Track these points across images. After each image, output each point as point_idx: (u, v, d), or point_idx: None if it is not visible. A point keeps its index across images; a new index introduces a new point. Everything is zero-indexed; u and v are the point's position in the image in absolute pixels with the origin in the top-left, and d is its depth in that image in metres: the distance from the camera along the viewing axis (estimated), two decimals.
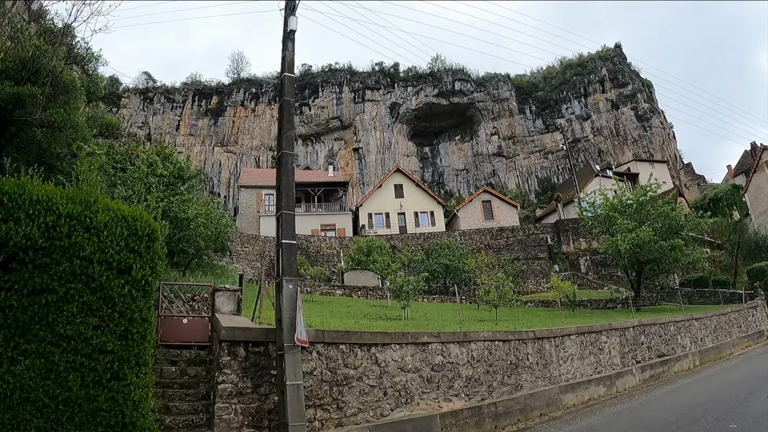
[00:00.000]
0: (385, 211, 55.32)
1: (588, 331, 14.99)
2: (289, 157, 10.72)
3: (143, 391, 7.67)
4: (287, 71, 11.19)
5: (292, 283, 9.68)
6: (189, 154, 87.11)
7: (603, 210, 26.72)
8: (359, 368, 10.17)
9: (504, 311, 25.34)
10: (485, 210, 52.93)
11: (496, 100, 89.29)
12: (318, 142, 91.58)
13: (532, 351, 13.15)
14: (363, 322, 15.64)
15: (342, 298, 29.81)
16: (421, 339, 11.17)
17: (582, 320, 18.74)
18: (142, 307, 7.98)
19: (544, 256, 40.92)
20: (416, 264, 38.10)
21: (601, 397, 13.97)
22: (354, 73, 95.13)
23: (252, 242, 45.81)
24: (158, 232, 8.91)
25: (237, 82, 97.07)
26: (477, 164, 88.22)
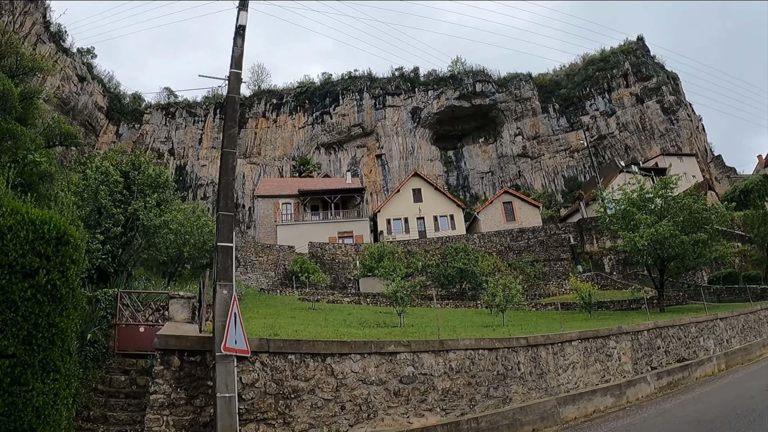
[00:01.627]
0: (404, 216, 54.12)
1: (593, 336, 13.41)
2: (230, 156, 9.92)
3: (48, 398, 7.22)
4: (234, 68, 10.69)
5: (227, 288, 8.79)
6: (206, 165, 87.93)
7: (621, 205, 24.88)
8: (311, 380, 9.04)
9: (517, 315, 23.86)
10: (506, 211, 51.17)
11: (518, 100, 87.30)
12: (340, 150, 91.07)
13: (524, 360, 11.70)
14: (347, 329, 14.39)
15: (349, 305, 28.66)
16: (387, 348, 9.90)
17: (596, 323, 17.10)
18: (49, 312, 7.49)
19: (567, 256, 38.93)
20: (431, 269, 36.77)
21: (607, 408, 12.39)
22: (374, 80, 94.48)
23: (266, 251, 45.08)
24: (73, 235, 8.26)
25: (258, 94, 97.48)
26: (502, 166, 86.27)
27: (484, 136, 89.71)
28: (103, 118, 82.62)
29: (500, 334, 13.47)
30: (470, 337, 11.36)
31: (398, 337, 11.36)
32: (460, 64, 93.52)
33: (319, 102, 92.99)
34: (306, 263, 38.93)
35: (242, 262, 42.59)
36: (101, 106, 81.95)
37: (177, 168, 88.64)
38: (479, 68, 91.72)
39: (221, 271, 8.87)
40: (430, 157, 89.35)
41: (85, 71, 78.62)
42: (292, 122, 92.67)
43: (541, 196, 71.86)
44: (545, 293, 33.03)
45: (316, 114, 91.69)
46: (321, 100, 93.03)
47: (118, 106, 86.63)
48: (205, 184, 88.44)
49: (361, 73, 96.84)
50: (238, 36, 10.59)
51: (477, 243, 42.02)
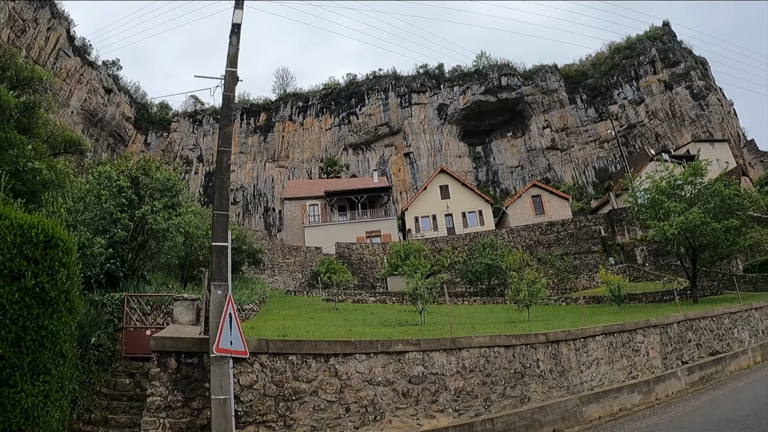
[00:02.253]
0: (432, 214, 53.48)
1: (618, 331, 12.64)
2: (224, 155, 9.73)
3: (38, 400, 7.31)
4: (230, 66, 10.45)
5: (221, 288, 8.52)
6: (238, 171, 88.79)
7: (650, 194, 23.80)
8: (314, 381, 8.67)
9: (545, 310, 23.13)
10: (535, 205, 49.99)
11: (545, 92, 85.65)
12: (368, 150, 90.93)
13: (543, 357, 11.07)
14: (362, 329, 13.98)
15: (374, 305, 28.27)
16: (394, 347, 9.43)
17: (625, 317, 16.28)
18: (38, 315, 7.56)
19: (598, 248, 37.67)
20: (458, 265, 36.11)
21: (634, 406, 11.62)
22: (399, 78, 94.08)
23: (294, 253, 45.10)
24: (62, 239, 8.26)
25: (284, 98, 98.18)
26: (531, 159, 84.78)
27: (512, 130, 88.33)
28: (131, 128, 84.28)
29: (521, 330, 12.88)
30: (484, 335, 10.79)
31: (417, 336, 10.93)
32: (485, 59, 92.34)
33: (344, 103, 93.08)
34: (333, 264, 38.73)
35: (270, 265, 42.73)
36: (128, 117, 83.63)
37: (206, 174, 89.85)
38: (504, 62, 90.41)
39: (216, 271, 8.58)
40: (458, 154, 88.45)
41: (111, 83, 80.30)
42: (318, 124, 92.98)
43: (571, 188, 70.28)
44: (576, 287, 32.04)
45: (342, 115, 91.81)
46: (347, 101, 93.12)
47: (146, 116, 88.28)
48: (234, 189, 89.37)
49: (386, 72, 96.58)
50: (233, 34, 10.41)
51: (506, 238, 41.12)
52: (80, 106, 72.78)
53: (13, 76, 14.73)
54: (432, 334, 12.01)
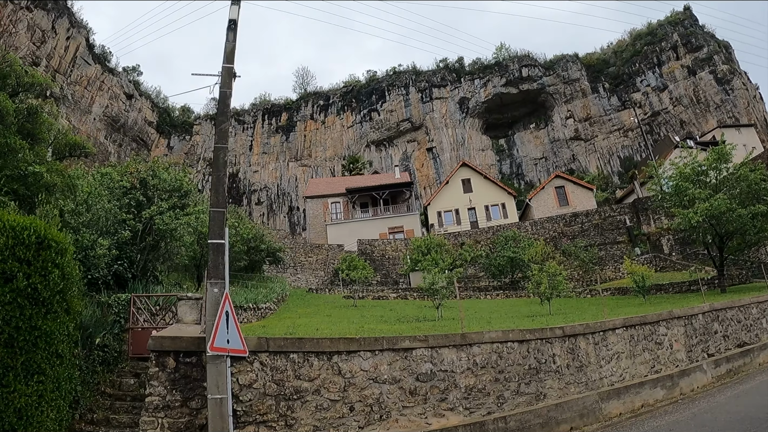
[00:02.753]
0: (455, 208, 52.92)
1: (640, 323, 12.05)
2: (221, 152, 9.56)
3: (31, 400, 7.35)
4: (226, 62, 10.21)
5: (218, 286, 8.34)
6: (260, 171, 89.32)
7: (673, 181, 22.94)
8: (316, 380, 8.42)
9: (568, 303, 22.54)
10: (559, 196, 48.95)
11: (566, 82, 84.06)
12: (391, 146, 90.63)
13: (560, 351, 10.59)
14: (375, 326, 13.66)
15: (394, 301, 27.96)
16: (401, 344, 9.09)
17: (650, 308, 15.62)
18: (31, 316, 7.53)
19: (624, 239, 36.60)
20: (481, 259, 35.55)
21: (657, 402, 11.05)
22: (419, 73, 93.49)
23: (316, 251, 45.06)
24: (56, 240, 8.19)
25: (304, 97, 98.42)
26: (555, 151, 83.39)
27: (535, 121, 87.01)
28: (153, 133, 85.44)
29: (539, 324, 12.42)
30: (497, 329, 10.36)
31: (431, 332, 10.61)
32: (505, 50, 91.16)
33: (365, 100, 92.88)
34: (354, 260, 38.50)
35: (292, 263, 42.78)
36: (151, 121, 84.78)
37: (230, 176, 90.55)
38: (524, 53, 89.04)
39: (212, 269, 8.37)
40: (481, 147, 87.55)
41: (132, 88, 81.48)
42: (340, 122, 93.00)
43: (596, 178, 68.84)
44: (601, 278, 31.15)
45: (363, 112, 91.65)
46: (367, 98, 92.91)
47: (168, 120, 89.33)
48: (258, 189, 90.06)
49: (406, 68, 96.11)
50: (229, 30, 10.27)
51: (529, 230, 40.35)
52: (102, 113, 74.05)
53: (14, 83, 14.76)
54: (448, 329, 11.67)
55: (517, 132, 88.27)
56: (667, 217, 32.32)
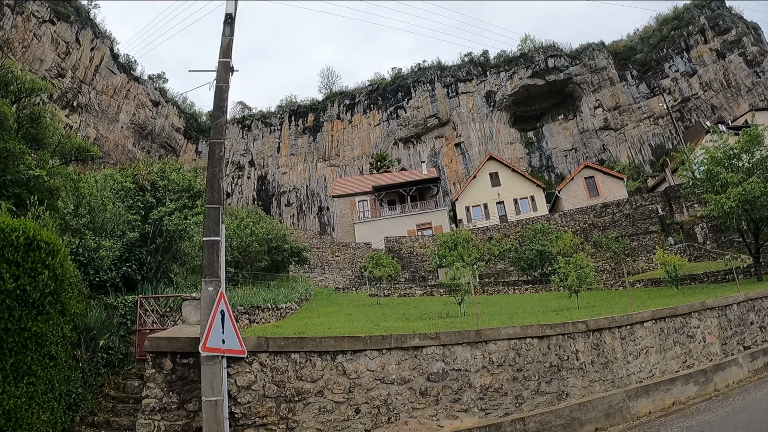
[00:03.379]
0: (483, 202, 52.01)
1: (670, 315, 11.25)
2: (216, 147, 9.30)
3: (21, 402, 7.25)
4: (222, 57, 9.90)
5: (213, 285, 8.01)
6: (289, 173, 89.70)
7: (705, 165, 21.82)
8: (319, 381, 8.04)
9: (598, 296, 21.68)
10: (589, 187, 47.56)
11: (593, 71, 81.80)
12: (419, 142, 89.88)
13: (583, 347, 9.92)
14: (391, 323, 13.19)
15: (420, 298, 27.43)
16: (410, 342, 8.61)
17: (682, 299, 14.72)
18: (21, 317, 7.39)
19: (656, 228, 35.18)
20: (510, 254, 34.73)
21: (689, 399, 10.28)
22: (443, 68, 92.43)
23: (343, 251, 44.81)
24: (46, 241, 7.94)
25: (330, 97, 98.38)
26: (585, 141, 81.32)
27: (563, 112, 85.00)
28: (181, 138, 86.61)
29: (563, 318, 11.77)
30: (515, 325, 9.76)
31: (452, 329, 10.13)
32: (530, 42, 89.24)
33: (391, 97, 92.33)
34: (381, 258, 38.14)
35: (319, 263, 42.63)
36: (178, 127, 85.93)
37: (259, 178, 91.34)
38: (549, 43, 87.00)
39: (207, 267, 8.05)
40: (509, 140, 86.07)
41: (158, 95, 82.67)
42: (366, 121, 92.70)
43: (627, 167, 66.82)
44: (634, 270, 29.97)
45: (390, 110, 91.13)
46: (393, 95, 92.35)
47: (195, 125, 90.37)
48: (287, 190, 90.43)
49: (431, 64, 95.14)
50: (226, 25, 10.09)
51: (559, 222, 39.28)
52: (129, 121, 75.39)
53: (16, 89, 14.79)
54: (467, 326, 11.13)
55: (545, 124, 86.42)
56: (700, 205, 30.91)
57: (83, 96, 67.10)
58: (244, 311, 15.42)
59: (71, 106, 65.41)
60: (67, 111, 64.44)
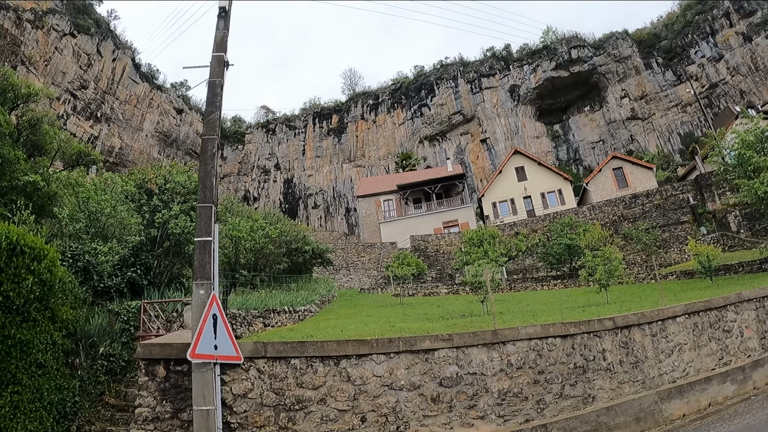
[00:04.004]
0: (510, 198, 50.98)
1: (704, 308, 10.35)
2: (209, 143, 8.90)
3: (5, 411, 7.00)
4: (216, 51, 9.50)
5: (204, 287, 7.55)
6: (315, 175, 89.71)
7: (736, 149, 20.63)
8: (321, 388, 7.53)
9: (628, 290, 20.68)
10: (617, 178, 46.11)
11: (618, 60, 79.64)
12: (444, 140, 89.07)
13: (611, 346, 9.15)
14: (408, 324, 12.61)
15: (445, 297, 26.75)
16: (420, 345, 8.01)
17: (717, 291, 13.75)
18: (4, 324, 7.12)
19: (688, 218, 33.69)
20: (538, 249, 33.75)
21: (727, 399, 9.40)
22: (466, 64, 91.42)
23: (368, 251, 44.39)
24: (30, 246, 7.64)
25: (353, 98, 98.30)
26: (612, 132, 79.30)
27: (589, 104, 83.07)
28: None
29: (590, 315, 11.00)
30: (535, 324, 9.05)
31: (472, 329, 9.52)
32: (552, 34, 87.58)
33: (414, 96, 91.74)
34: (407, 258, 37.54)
35: (344, 264, 42.27)
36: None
37: (285, 181, 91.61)
38: (572, 34, 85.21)
39: (198, 269, 7.61)
40: (535, 134, 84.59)
41: (182, 103, 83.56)
42: (391, 120, 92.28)
43: (655, 157, 64.79)
44: (666, 262, 28.69)
45: (413, 108, 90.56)
46: (416, 94, 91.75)
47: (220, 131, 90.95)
48: (314, 193, 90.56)
49: (453, 60, 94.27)
50: (219, 18, 9.82)
51: (587, 215, 38.08)
52: (153, 129, 76.41)
53: (13, 96, 14.65)
54: (489, 325, 10.50)
55: (571, 116, 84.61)
56: (732, 192, 29.44)
57: (106, 106, 68.25)
58: (258, 315, 14.97)
59: (95, 117, 66.58)
60: (91, 122, 65.62)
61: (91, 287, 11.59)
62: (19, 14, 57.60)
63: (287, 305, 17.28)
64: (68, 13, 64.67)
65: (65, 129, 61.38)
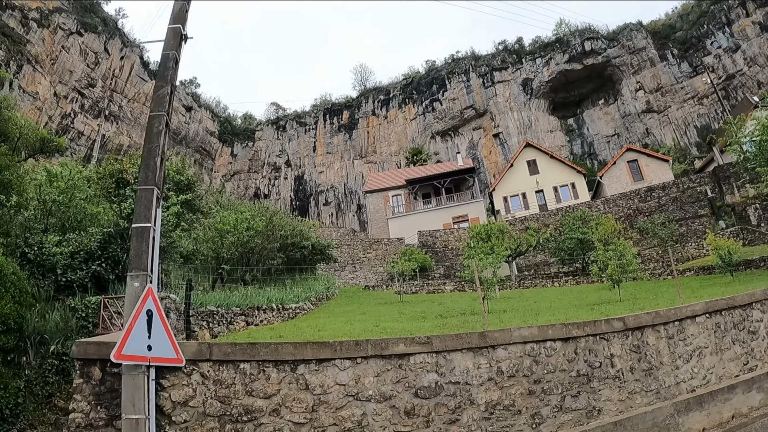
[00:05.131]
0: (521, 192, 49.57)
1: (727, 307, 9.09)
2: (156, 120, 7.93)
3: None
4: (172, 23, 8.61)
5: (139, 280, 6.48)
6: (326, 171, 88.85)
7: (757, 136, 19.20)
8: (274, 397, 6.48)
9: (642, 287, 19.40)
10: (632, 170, 44.46)
11: (632, 52, 77.74)
12: (457, 135, 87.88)
13: (620, 351, 7.94)
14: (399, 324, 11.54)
15: (449, 294, 25.59)
16: (392, 349, 6.88)
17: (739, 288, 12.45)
18: None
19: (706, 212, 32.04)
20: (550, 243, 32.43)
21: (752, 410, 8.13)
22: (478, 58, 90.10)
23: (375, 247, 43.29)
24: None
25: (364, 93, 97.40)
26: (627, 126, 77.46)
27: (603, 97, 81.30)
28: (216, 142, 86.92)
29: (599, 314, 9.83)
30: (531, 325, 7.88)
31: (469, 328, 8.42)
32: (565, 26, 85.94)
33: (426, 90, 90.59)
34: (414, 253, 36.42)
35: (350, 261, 41.21)
36: (212, 131, 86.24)
37: (296, 178, 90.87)
38: (585, 25, 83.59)
39: (134, 258, 6.59)
40: (549, 128, 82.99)
41: (191, 101, 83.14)
42: (402, 115, 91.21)
43: (672, 150, 62.98)
44: (683, 257, 27.20)
45: (425, 103, 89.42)
46: (428, 88, 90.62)
47: (229, 128, 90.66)
48: (325, 190, 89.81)
49: (464, 54, 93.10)
50: None
51: (601, 209, 36.58)
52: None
53: None
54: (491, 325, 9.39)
55: (585, 110, 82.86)
56: (752, 184, 27.81)
57: (114, 104, 67.94)
58: (240, 312, 14.00)
59: (103, 115, 66.31)
60: (99, 120, 65.33)
61: (54, 282, 10.68)
62: (25, 13, 57.37)
63: (276, 302, 16.28)
64: (75, 11, 64.41)
65: (73, 127, 61.36)
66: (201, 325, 12.45)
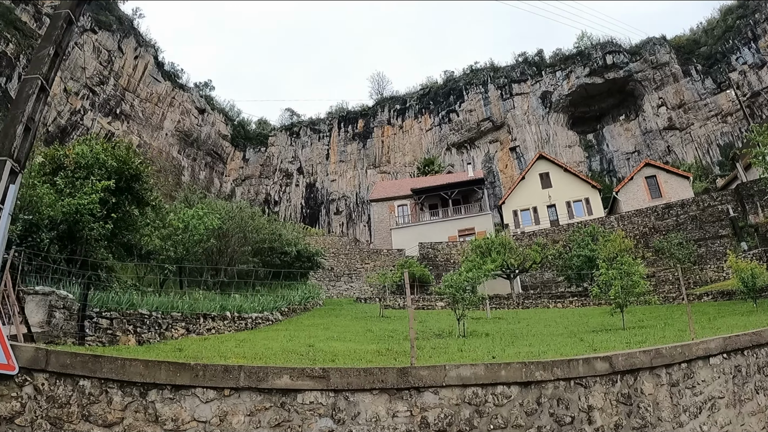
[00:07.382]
0: (532, 206, 47.47)
1: (750, 345, 7.11)
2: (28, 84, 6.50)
3: None
4: None
5: None
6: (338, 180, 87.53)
7: None
8: (116, 426, 4.84)
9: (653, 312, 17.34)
10: (650, 187, 42.04)
11: (655, 67, 75.28)
12: (473, 147, 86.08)
13: (603, 402, 6.03)
14: (350, 345, 9.74)
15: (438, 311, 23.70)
16: (274, 381, 5.11)
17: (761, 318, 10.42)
18: None
19: (727, 232, 29.61)
20: (557, 260, 30.38)
21: None
22: (496, 69, 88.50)
23: (374, 257, 41.48)
24: None
25: (380, 102, 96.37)
26: (648, 143, 74.90)
27: (624, 112, 78.89)
28: (228, 146, 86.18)
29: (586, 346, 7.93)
30: (476, 362, 6.01)
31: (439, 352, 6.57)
32: (586, 39, 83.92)
33: (443, 101, 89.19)
34: (412, 266, 34.58)
35: (346, 271, 39.54)
36: (225, 135, 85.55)
37: (307, 186, 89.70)
38: (607, 39, 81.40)
39: None
40: (567, 143, 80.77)
41: (204, 103, 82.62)
42: (418, 126, 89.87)
43: (693, 167, 60.44)
44: (701, 280, 24.92)
45: (441, 114, 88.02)
46: (445, 99, 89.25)
47: (242, 133, 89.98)
48: (336, 198, 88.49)
49: (483, 65, 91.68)
50: None
51: (615, 226, 34.30)
52: (174, 128, 75.52)
53: None
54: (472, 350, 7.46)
55: (605, 125, 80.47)
56: None
57: (126, 103, 67.50)
58: (181, 318, 12.30)
59: (114, 114, 65.87)
60: (109, 118, 64.90)
61: None
62: (39, 8, 57.18)
63: (232, 310, 14.57)
64: (89, 8, 64.19)
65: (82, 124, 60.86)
66: (126, 330, 10.82)
